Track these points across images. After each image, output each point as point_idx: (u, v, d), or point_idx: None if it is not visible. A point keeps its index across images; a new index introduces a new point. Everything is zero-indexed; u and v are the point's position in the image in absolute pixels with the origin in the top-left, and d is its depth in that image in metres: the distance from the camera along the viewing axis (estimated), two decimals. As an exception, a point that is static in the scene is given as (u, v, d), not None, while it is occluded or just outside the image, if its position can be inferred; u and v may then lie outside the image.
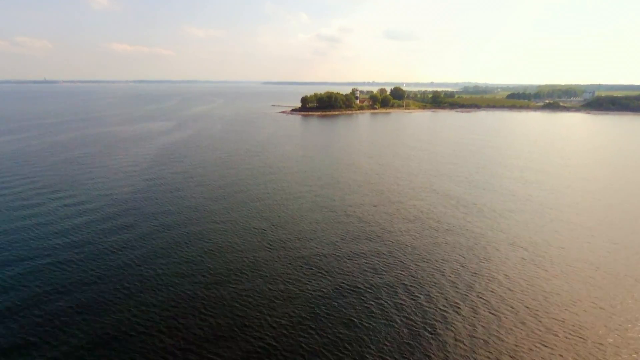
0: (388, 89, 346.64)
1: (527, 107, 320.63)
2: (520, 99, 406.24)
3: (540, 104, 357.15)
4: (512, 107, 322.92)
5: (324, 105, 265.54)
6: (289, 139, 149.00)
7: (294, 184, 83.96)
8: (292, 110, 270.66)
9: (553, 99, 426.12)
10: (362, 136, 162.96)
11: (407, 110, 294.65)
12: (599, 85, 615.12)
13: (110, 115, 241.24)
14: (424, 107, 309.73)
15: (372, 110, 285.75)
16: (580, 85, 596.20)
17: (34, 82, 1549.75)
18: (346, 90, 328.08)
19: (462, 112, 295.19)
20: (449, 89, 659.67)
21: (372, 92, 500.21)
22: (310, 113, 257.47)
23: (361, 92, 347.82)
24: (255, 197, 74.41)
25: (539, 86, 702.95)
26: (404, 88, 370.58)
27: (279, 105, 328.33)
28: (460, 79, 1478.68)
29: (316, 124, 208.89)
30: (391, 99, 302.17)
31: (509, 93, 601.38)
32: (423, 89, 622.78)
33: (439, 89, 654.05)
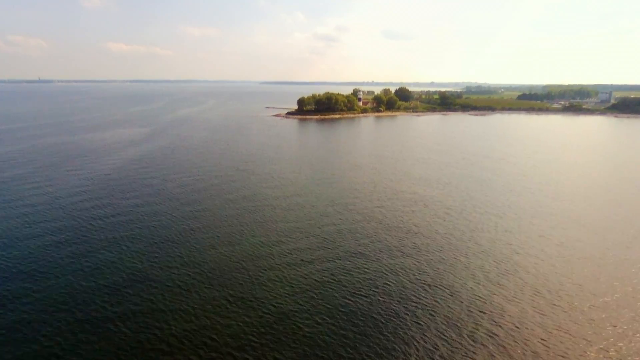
0: (392, 89, 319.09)
1: (545, 110, 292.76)
2: (531, 100, 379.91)
3: (558, 106, 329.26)
4: (530, 109, 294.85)
5: (323, 107, 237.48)
6: (282, 152, 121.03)
7: (292, 230, 56.18)
8: (288, 113, 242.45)
9: (568, 100, 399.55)
10: (373, 148, 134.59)
11: (414, 114, 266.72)
12: (611, 85, 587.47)
13: (83, 119, 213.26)
14: (433, 110, 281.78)
15: (376, 113, 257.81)
16: (584, 85, 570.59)
17: (28, 81, 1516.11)
18: (345, 90, 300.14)
19: (475, 115, 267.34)
20: (451, 89, 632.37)
21: (373, 92, 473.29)
22: (307, 117, 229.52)
23: (362, 92, 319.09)
24: (237, 252, 46.61)
25: (545, 86, 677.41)
26: (393, 88, 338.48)
27: (273, 107, 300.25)
28: (460, 79, 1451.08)
29: (314, 131, 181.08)
30: (397, 101, 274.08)
31: (520, 94, 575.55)
32: (425, 89, 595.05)
33: (442, 89, 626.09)
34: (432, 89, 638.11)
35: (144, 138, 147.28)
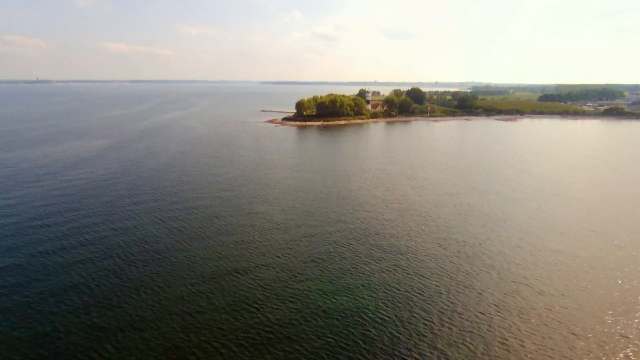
0: (403, 90, 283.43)
1: (581, 114, 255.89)
2: (553, 102, 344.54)
3: (588, 108, 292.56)
4: (564, 113, 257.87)
5: (326, 112, 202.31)
6: (275, 181, 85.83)
7: None
8: (284, 119, 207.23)
9: (597, 102, 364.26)
10: (403, 172, 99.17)
11: (432, 119, 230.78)
12: (635, 85, 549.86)
13: (42, 127, 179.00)
14: (453, 114, 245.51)
15: (387, 119, 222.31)
16: (595, 85, 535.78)
17: (27, 82, 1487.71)
18: (348, 90, 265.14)
19: (504, 120, 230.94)
20: (456, 89, 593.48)
21: (378, 92, 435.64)
22: (307, 123, 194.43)
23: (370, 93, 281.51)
24: None
25: (558, 86, 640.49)
26: (404, 89, 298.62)
27: (270, 111, 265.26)
28: (464, 79, 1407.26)
29: (317, 144, 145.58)
30: (412, 104, 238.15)
31: (532, 94, 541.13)
32: (430, 88, 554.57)
33: (446, 89, 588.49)
34: (440, 89, 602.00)
35: (99, 154, 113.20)
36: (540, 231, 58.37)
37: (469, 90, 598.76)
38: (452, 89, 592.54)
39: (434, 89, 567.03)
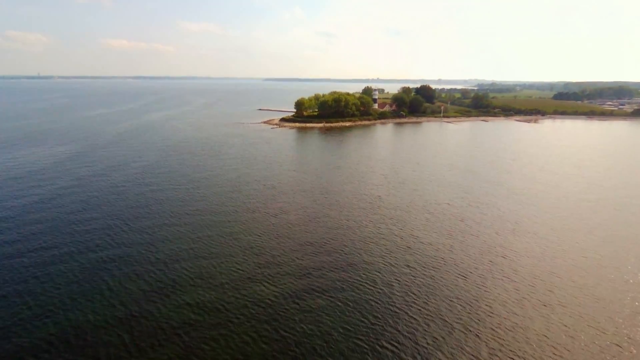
0: (412, 88, 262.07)
1: (609, 115, 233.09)
2: (568, 100, 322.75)
3: (612, 108, 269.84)
4: (590, 113, 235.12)
5: (329, 112, 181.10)
6: (265, 217, 65.09)
7: None
8: (282, 119, 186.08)
9: (616, 100, 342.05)
10: (439, 197, 78.35)
11: (445, 119, 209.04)
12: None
13: (10, 128, 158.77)
14: (468, 114, 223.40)
15: (396, 119, 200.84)
16: (604, 82, 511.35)
17: (28, 77, 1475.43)
18: (351, 88, 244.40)
19: (526, 121, 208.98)
20: (460, 86, 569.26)
21: (383, 90, 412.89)
22: (308, 125, 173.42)
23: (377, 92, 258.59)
24: None
25: (566, 84, 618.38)
26: (411, 86, 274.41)
27: (268, 110, 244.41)
28: (467, 76, 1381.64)
29: (320, 152, 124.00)
30: (423, 103, 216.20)
31: (555, 93, 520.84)
32: (436, 86, 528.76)
33: (449, 87, 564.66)
34: (445, 87, 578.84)
35: (56, 163, 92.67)
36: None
37: (475, 88, 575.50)
38: (457, 87, 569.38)
39: (439, 87, 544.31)
